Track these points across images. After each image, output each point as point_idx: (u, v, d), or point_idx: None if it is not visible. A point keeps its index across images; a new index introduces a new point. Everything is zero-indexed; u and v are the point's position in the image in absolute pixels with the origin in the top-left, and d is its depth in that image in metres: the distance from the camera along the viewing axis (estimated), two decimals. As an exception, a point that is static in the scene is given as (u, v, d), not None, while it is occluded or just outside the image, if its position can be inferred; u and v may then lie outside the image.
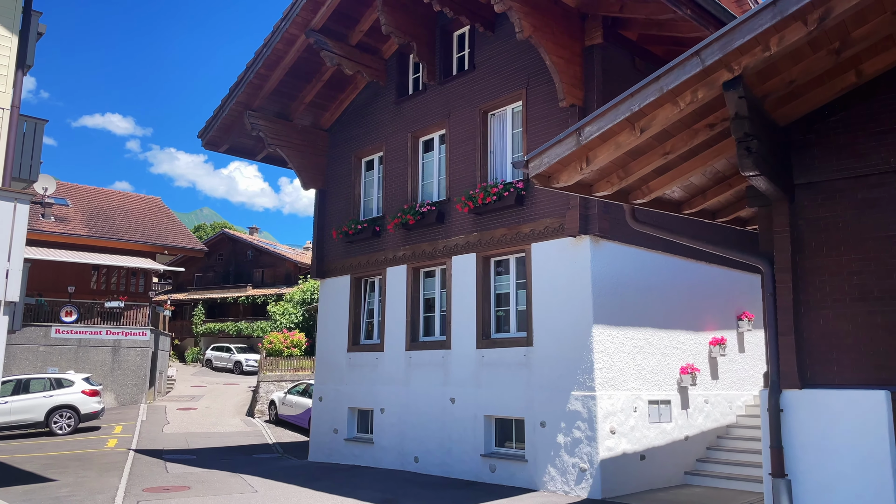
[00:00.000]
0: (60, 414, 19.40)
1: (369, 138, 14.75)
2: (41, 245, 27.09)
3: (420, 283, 13.34)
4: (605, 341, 10.17)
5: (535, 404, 10.60)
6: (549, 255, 10.78)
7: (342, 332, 14.72)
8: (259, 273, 46.35)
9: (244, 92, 14.17)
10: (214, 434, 20.14)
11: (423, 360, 12.67)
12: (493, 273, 11.96)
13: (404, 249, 13.42)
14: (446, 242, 12.53)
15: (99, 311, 26.93)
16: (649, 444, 10.58)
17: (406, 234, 13.39)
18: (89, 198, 33.76)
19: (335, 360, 14.79)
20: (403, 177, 13.72)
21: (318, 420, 15.02)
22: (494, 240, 11.66)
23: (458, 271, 12.29)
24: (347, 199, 15.12)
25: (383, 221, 14.00)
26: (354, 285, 14.70)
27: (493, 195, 11.26)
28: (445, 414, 12.02)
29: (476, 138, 12.28)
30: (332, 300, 15.19)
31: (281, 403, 22.54)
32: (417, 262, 13.16)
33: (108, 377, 25.62)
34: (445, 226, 12.61)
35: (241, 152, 16.17)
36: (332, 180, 15.63)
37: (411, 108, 13.80)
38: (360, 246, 14.51)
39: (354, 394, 14.13)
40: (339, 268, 15.06)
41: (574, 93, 10.40)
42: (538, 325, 10.75)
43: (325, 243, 15.58)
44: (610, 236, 10.47)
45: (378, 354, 13.71)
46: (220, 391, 30.83)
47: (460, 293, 12.17)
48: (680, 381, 11.32)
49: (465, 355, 11.88)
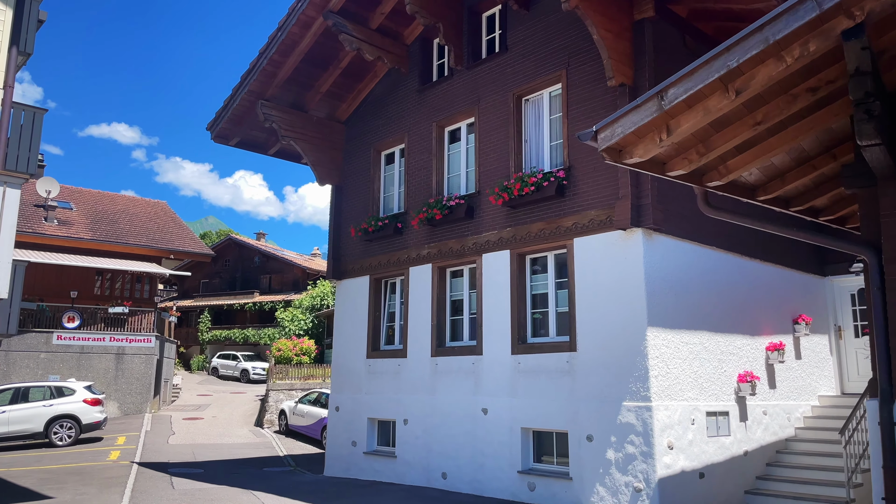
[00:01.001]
0: (61, 424, 18.41)
1: (390, 130, 13.79)
2: (43, 249, 26.20)
3: (446, 284, 12.33)
4: (659, 346, 9.14)
5: (581, 416, 9.56)
6: (594, 250, 9.77)
7: (360, 337, 13.72)
8: (266, 279, 45.41)
9: (257, 80, 13.24)
10: (222, 446, 19.13)
11: (451, 366, 11.65)
12: (529, 272, 10.95)
13: (429, 247, 12.42)
14: (476, 239, 11.53)
15: (102, 317, 25.99)
16: (708, 460, 9.52)
17: (431, 230, 12.40)
18: (93, 201, 32.92)
19: (353, 367, 13.78)
20: (427, 169, 12.74)
21: (335, 432, 13.99)
22: (531, 235, 10.65)
23: (489, 270, 11.29)
24: (366, 195, 14.15)
25: (406, 218, 13.02)
26: (374, 287, 13.70)
27: (530, 185, 10.27)
28: (477, 426, 10.99)
29: (509, 126, 11.30)
30: (349, 303, 14.19)
31: (292, 413, 21.52)
32: (444, 261, 12.16)
33: (111, 385, 24.65)
34: (475, 221, 11.62)
35: (253, 146, 15.22)
36: (349, 175, 14.67)
37: (436, 95, 12.84)
38: (381, 244, 13.52)
39: (374, 403, 13.11)
40: (357, 268, 14.07)
41: (623, 71, 9.41)
42: (583, 329, 9.73)
43: (342, 242, 14.59)
44: (664, 230, 9.46)
45: (400, 361, 12.69)
46: (226, 400, 29.84)
47: (492, 294, 11.17)
48: (738, 390, 10.27)
49: (498, 362, 10.86)
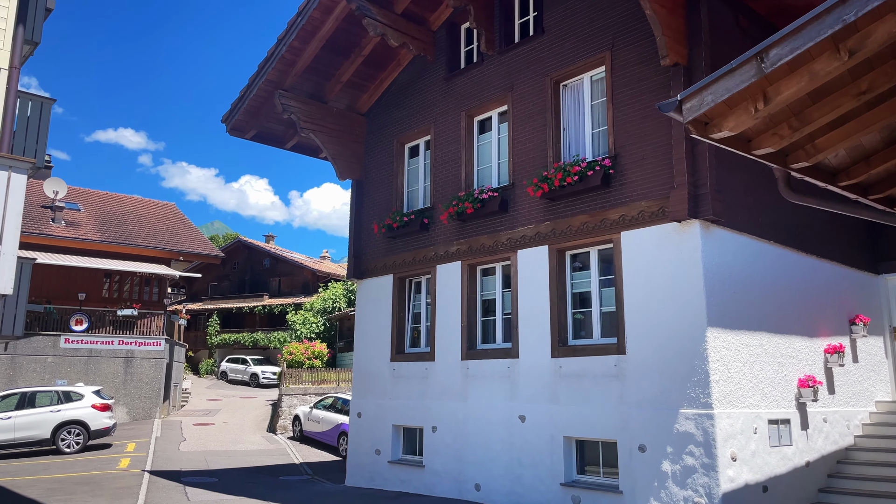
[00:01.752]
0: (68, 430, 17.74)
1: (414, 121, 13.08)
2: (51, 250, 25.60)
3: (477, 283, 11.60)
4: (720, 348, 8.38)
5: (632, 424, 8.80)
6: (644, 244, 9.02)
7: (384, 340, 12.99)
8: (276, 282, 44.77)
9: (275, 69, 12.55)
10: (235, 452, 18.42)
11: (484, 370, 10.91)
12: (570, 268, 10.21)
13: (458, 244, 11.69)
14: (511, 234, 10.80)
15: (111, 320, 25.35)
16: (771, 472, 8.74)
17: (461, 226, 11.67)
18: (101, 203, 32.36)
19: (376, 371, 13.05)
20: (456, 161, 12.03)
21: (357, 439, 13.26)
22: (572, 229, 9.91)
23: (525, 267, 10.55)
24: (388, 190, 13.44)
25: (433, 213, 12.30)
26: (398, 286, 12.98)
27: (573, 175, 9.53)
28: (513, 434, 10.24)
29: (546, 113, 10.57)
30: (371, 303, 13.47)
31: (306, 419, 20.80)
32: (474, 258, 11.43)
33: (120, 390, 24.00)
34: (509, 215, 10.89)
35: (270, 139, 14.53)
36: (371, 169, 13.96)
37: (465, 83, 12.13)
38: (405, 241, 12.80)
39: (400, 409, 12.37)
40: (379, 267, 13.35)
41: (677, 49, 8.67)
42: (633, 330, 8.98)
43: (363, 240, 13.88)
44: (722, 222, 8.71)
45: (427, 364, 11.96)
46: (237, 405, 29.15)
47: (528, 293, 10.43)
48: (798, 395, 9.49)
49: (536, 365, 10.11)
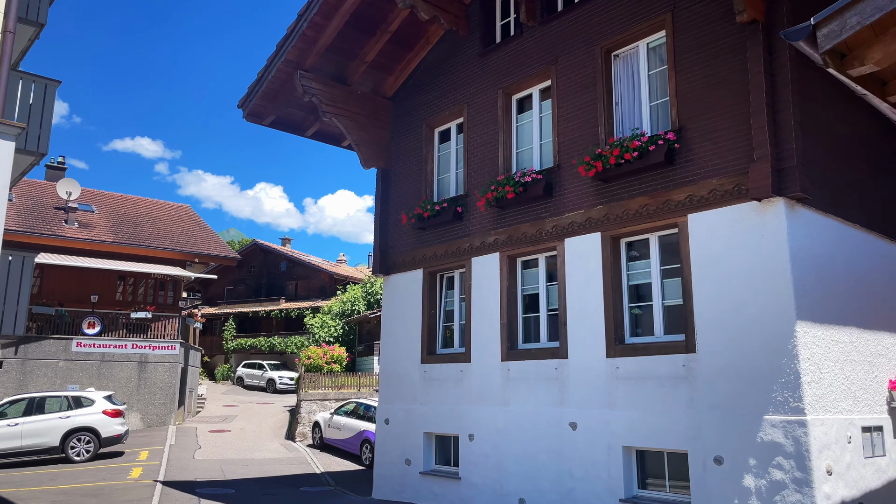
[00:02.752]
0: (78, 438, 16.86)
1: (445, 102, 12.09)
2: (63, 252, 24.87)
3: (517, 276, 10.55)
4: (810, 345, 7.27)
5: (705, 432, 7.71)
6: (716, 228, 7.94)
7: (413, 340, 11.97)
8: (292, 286, 43.96)
9: (295, 47, 11.61)
10: (253, 461, 17.46)
11: (527, 372, 9.85)
12: (625, 258, 9.14)
13: (496, 233, 10.66)
14: (557, 221, 9.75)
15: (124, 323, 24.55)
16: (866, 486, 7.61)
17: (499, 213, 10.64)
18: (116, 205, 31.69)
19: (405, 374, 12.03)
20: (493, 144, 11.01)
21: (385, 448, 12.23)
22: (629, 213, 8.84)
23: (573, 257, 9.49)
24: (417, 178, 12.44)
25: (467, 201, 11.28)
26: (428, 281, 11.96)
27: (632, 151, 8.47)
28: (563, 443, 9.16)
29: (596, 86, 9.53)
30: (399, 300, 12.46)
31: (326, 426, 19.80)
32: (514, 249, 10.39)
33: (133, 395, 23.15)
34: (555, 200, 9.84)
35: (289, 126, 13.60)
36: (398, 156, 12.97)
37: (502, 58, 11.11)
38: (436, 233, 11.79)
39: (432, 416, 11.33)
40: (408, 261, 12.34)
41: (755, 4, 7.59)
42: (704, 325, 7.89)
43: (390, 232, 12.89)
44: (809, 201, 7.62)
45: (463, 366, 10.92)
46: (254, 411, 28.26)
47: (577, 286, 9.37)
48: (890, 399, 8.35)
49: (588, 366, 9.04)
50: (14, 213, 26.16)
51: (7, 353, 21.56)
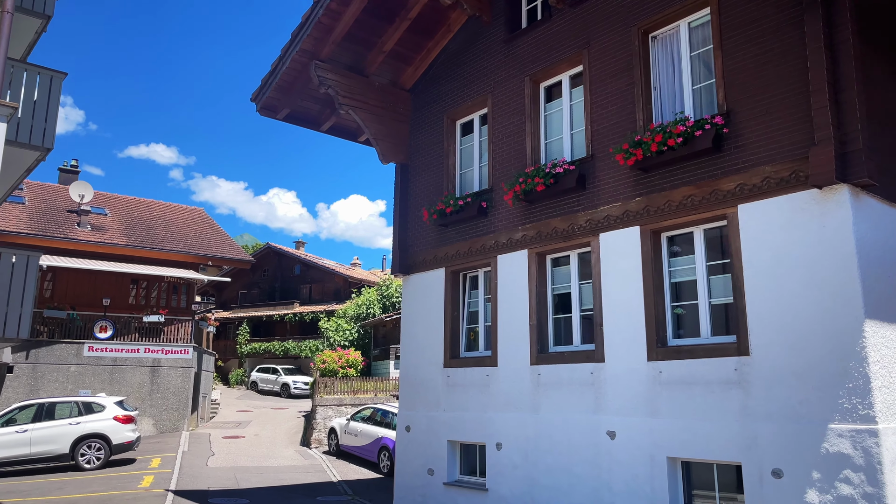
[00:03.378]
0: (89, 445, 16.40)
1: (468, 92, 11.49)
2: (76, 255, 24.50)
3: (547, 274, 9.92)
4: (879, 346, 6.58)
5: (761, 442, 7.03)
6: (770, 219, 7.27)
7: (435, 343, 11.36)
8: (306, 289, 43.51)
9: (310, 36, 11.07)
10: (267, 469, 16.91)
11: (560, 377, 9.21)
12: (667, 253, 8.49)
13: (524, 229, 10.04)
14: (591, 215, 9.12)
15: (137, 327, 24.13)
16: (941, 504, 6.89)
17: (527, 208, 10.02)
18: (129, 208, 31.38)
19: (427, 379, 11.42)
20: (519, 135, 10.40)
21: (406, 457, 11.61)
22: (672, 205, 8.19)
23: (609, 253, 8.85)
24: (438, 173, 11.85)
25: (492, 195, 10.67)
26: (451, 281, 11.35)
27: (676, 137, 7.82)
28: (600, 454, 8.51)
29: (633, 70, 8.89)
30: (420, 301, 11.86)
31: (343, 432, 19.22)
32: (544, 246, 9.76)
33: (146, 401, 22.70)
34: (589, 192, 9.21)
35: (304, 120, 13.05)
36: (418, 151, 12.39)
37: (529, 44, 10.50)
38: (459, 230, 11.19)
39: (456, 423, 10.71)
40: (429, 260, 11.74)
41: (814, -27, 6.94)
42: (758, 325, 7.22)
43: (410, 230, 12.30)
44: (877, 189, 6.94)
45: (489, 371, 10.29)
46: (268, 417, 27.76)
47: (614, 284, 8.73)
48: (963, 406, 7.62)
49: (628, 370, 8.38)
50: (26, 217, 25.86)
51: (18, 358, 21.18)
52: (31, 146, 10.54)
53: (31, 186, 30.40)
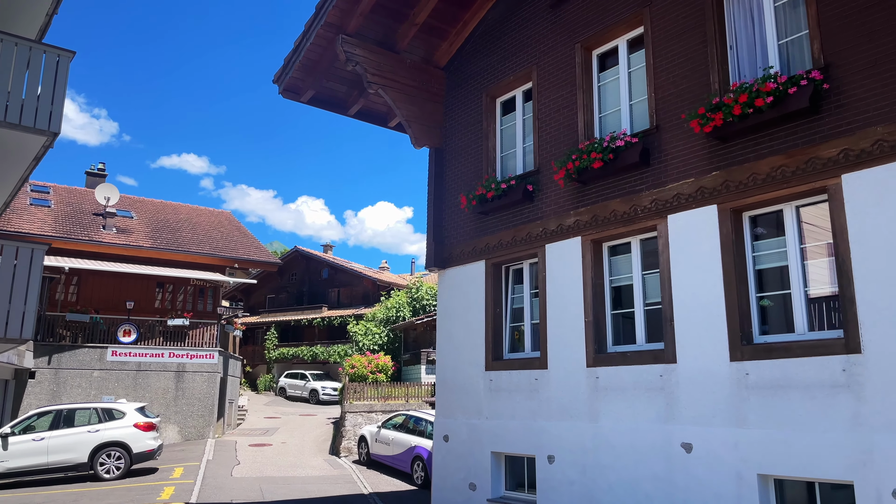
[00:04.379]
0: (108, 453, 15.62)
1: (509, 66, 10.42)
2: (100, 258, 23.93)
3: (603, 264, 8.78)
4: None
5: (878, 457, 5.81)
6: (884, 190, 6.06)
7: (476, 344, 10.27)
8: (335, 293, 42.70)
9: (336, 7, 10.10)
10: (294, 479, 15.94)
11: (622, 381, 8.05)
12: (750, 235, 7.30)
13: (577, 214, 8.91)
14: (657, 194, 7.96)
15: (161, 331, 23.44)
16: None
17: (580, 189, 8.90)
18: (155, 211, 30.87)
19: (466, 383, 10.33)
20: (570, 108, 9.28)
21: (444, 470, 10.53)
22: (756, 179, 7.01)
23: (679, 238, 7.69)
24: (477, 156, 10.78)
25: (539, 177, 9.56)
26: (492, 274, 10.26)
27: (765, 96, 6.65)
28: (674, 469, 7.33)
29: (704, 26, 7.74)
30: (457, 298, 10.79)
31: (373, 440, 18.20)
32: (600, 231, 8.62)
33: (170, 407, 21.97)
34: (654, 168, 8.06)
35: (330, 103, 12.10)
36: (454, 133, 11.34)
37: (579, 7, 9.39)
38: (501, 217, 10.09)
39: (501, 432, 9.59)
40: (467, 252, 10.66)
41: None
42: (872, 318, 6.00)
43: (446, 220, 11.24)
44: None
45: (538, 374, 9.17)
46: (296, 423, 26.89)
47: (686, 273, 7.56)
48: None
49: (706, 372, 7.20)
50: (51, 219, 25.41)
51: (40, 363, 20.59)
52: (36, 130, 9.71)
53: (58, 190, 30.07)
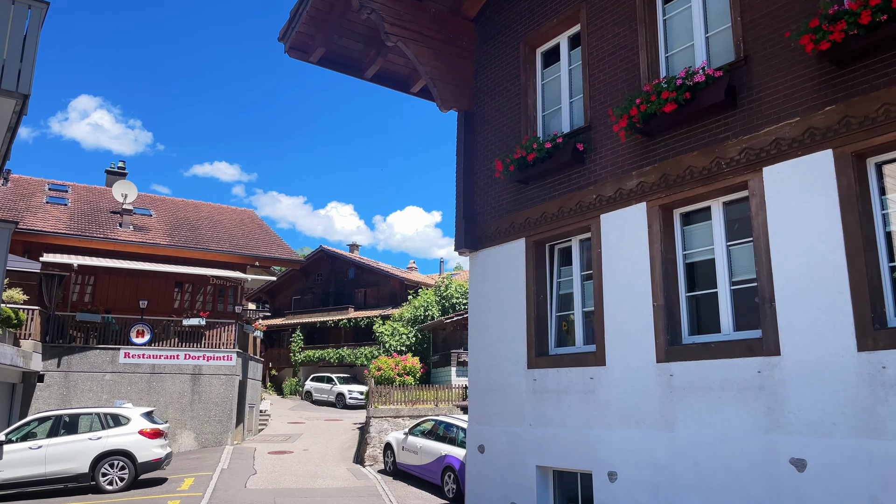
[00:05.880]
0: (111, 463, 14.28)
1: (551, 7, 8.81)
2: (115, 256, 22.83)
3: (675, 235, 7.11)
4: None
5: None
6: None
7: (516, 337, 8.66)
8: (361, 293, 41.33)
9: (347, -56, 8.62)
10: (313, 492, 14.46)
11: (705, 379, 6.37)
12: (876, 187, 5.59)
13: (641, 174, 7.26)
14: (748, 141, 6.28)
15: (177, 331, 22.21)
16: None
17: (644, 144, 7.25)
18: (176, 209, 29.85)
19: (504, 384, 8.72)
20: (628, 48, 7.64)
21: (480, 485, 8.92)
22: (886, 113, 5.30)
23: (779, 195, 6.00)
24: (513, 117, 9.18)
25: (591, 134, 7.94)
26: (534, 254, 8.64)
27: (910, -7, 4.95)
28: (780, 492, 5.63)
29: (808, -76, 6.06)
30: (492, 284, 9.19)
31: (400, 448, 16.65)
32: (671, 194, 6.96)
33: (186, 412, 20.70)
34: (743, 110, 6.38)
35: (344, 64, 10.61)
36: (486, 93, 9.76)
37: (638, -73, 7.76)
38: (544, 186, 8.48)
39: (548, 443, 7.96)
40: (503, 230, 9.06)
41: None
42: None
43: (478, 194, 9.66)
44: None
45: (593, 372, 7.52)
46: (320, 429, 25.49)
47: (790, 240, 5.87)
48: None
49: (823, 366, 5.50)
50: (66, 217, 24.43)
51: (49, 366, 19.47)
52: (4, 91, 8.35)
53: (77, 189, 29.24)
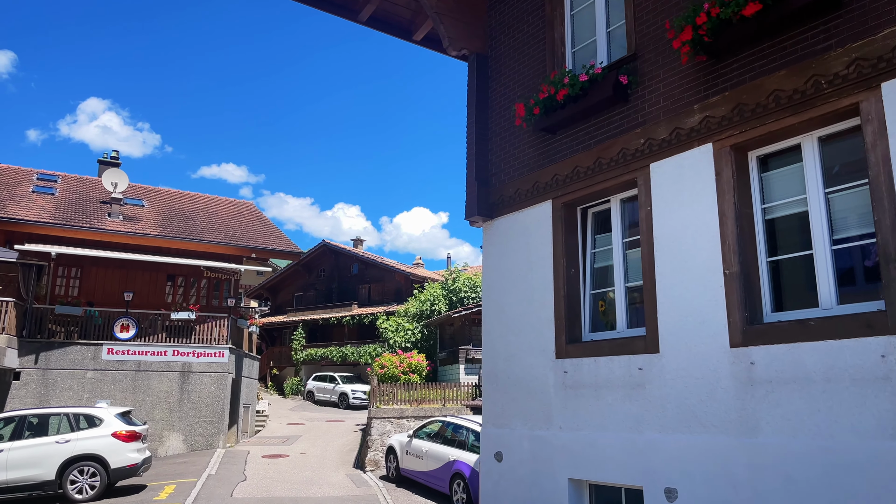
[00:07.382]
0: (80, 469, 12.78)
1: (583, -79, 7.24)
2: (102, 247, 21.37)
3: (751, 185, 5.52)
4: None
5: None
6: None
7: (541, 319, 7.08)
8: (365, 290, 39.83)
9: None
10: (307, 501, 12.92)
11: (801, 367, 4.79)
12: None
13: (705, 107, 5.67)
14: (859, 51, 4.69)
15: (165, 326, 20.72)
16: None
17: (710, 67, 5.67)
18: (170, 200, 28.42)
19: (527, 377, 7.14)
20: (685, -45, 6.06)
21: (496, 500, 7.33)
22: None
23: (906, 119, 4.42)
24: (537, 56, 7.61)
25: (638, 65, 6.35)
26: (563, 219, 7.06)
27: None
28: (924, 524, 4.05)
29: None
30: (511, 257, 7.62)
31: (404, 452, 15.08)
32: (747, 130, 5.37)
33: (174, 412, 19.21)
34: (852, 8, 4.79)
35: (334, 3, 9.05)
36: (501, 30, 8.19)
37: None
38: (576, 134, 6.90)
39: (583, 450, 6.38)
40: (525, 191, 7.49)
41: None
42: None
43: (493, 151, 8.09)
44: None
45: (643, 361, 5.94)
46: (321, 430, 24.00)
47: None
48: None
49: None
50: (52, 207, 22.98)
51: (25, 362, 18.02)
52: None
53: (67, 179, 27.85)
